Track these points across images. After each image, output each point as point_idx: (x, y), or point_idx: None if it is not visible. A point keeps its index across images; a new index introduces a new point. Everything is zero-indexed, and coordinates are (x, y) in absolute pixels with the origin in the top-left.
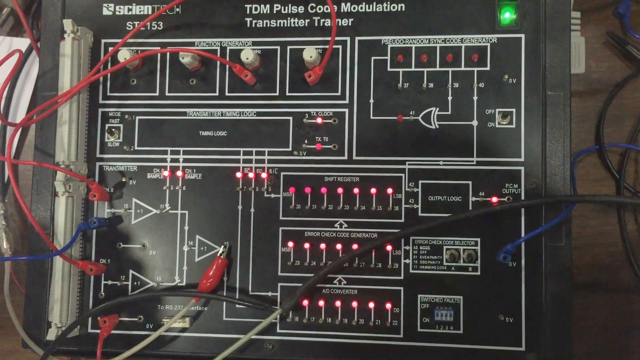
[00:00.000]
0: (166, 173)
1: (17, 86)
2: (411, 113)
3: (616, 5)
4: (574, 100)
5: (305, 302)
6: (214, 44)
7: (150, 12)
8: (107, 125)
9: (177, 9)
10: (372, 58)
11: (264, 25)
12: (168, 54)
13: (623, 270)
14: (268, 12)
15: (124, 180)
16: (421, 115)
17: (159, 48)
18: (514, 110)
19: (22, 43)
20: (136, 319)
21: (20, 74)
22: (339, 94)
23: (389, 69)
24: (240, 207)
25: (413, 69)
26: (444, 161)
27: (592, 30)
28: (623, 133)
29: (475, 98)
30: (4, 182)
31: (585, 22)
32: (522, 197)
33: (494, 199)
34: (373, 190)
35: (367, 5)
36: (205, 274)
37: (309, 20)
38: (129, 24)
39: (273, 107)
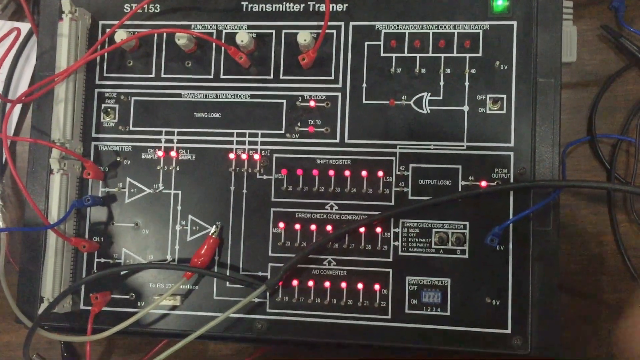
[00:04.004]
0: (160, 153)
1: (17, 69)
2: (403, 98)
3: None
4: (567, 92)
5: (295, 283)
6: (210, 27)
7: None
8: (102, 106)
9: None
10: (366, 43)
11: (260, 9)
12: (165, 35)
13: (612, 259)
14: None
15: (118, 159)
16: (413, 100)
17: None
18: (504, 96)
19: (23, 27)
20: (128, 297)
21: (21, 58)
22: (332, 78)
23: (382, 54)
24: (232, 188)
25: (406, 54)
26: (434, 145)
27: (586, 23)
28: (615, 124)
29: (466, 84)
30: (1, 164)
31: (580, 15)
32: (511, 182)
33: (483, 183)
34: (364, 173)
35: None
36: (197, 253)
37: (304, 5)
38: (127, 6)
39: (267, 90)
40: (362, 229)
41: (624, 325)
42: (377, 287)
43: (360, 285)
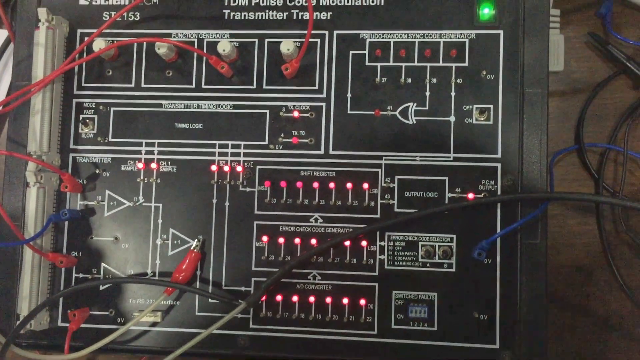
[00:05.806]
0: (140, 165)
1: None
2: (389, 108)
3: (598, 6)
4: (554, 100)
5: (279, 298)
6: (191, 35)
7: (127, 3)
8: (81, 116)
9: (155, 0)
10: (351, 52)
11: (242, 18)
12: (144, 44)
13: (600, 270)
14: (246, 4)
15: (97, 171)
16: (399, 111)
17: (135, 38)
18: (491, 106)
19: (1, 35)
20: (107, 313)
21: None
22: (316, 87)
23: (367, 64)
24: (214, 201)
25: (391, 63)
26: (420, 157)
27: (573, 30)
28: (603, 133)
29: (452, 94)
30: None
31: (567, 22)
32: (499, 194)
33: (470, 195)
34: (349, 185)
35: None
36: (178, 268)
37: (287, 13)
38: (106, 14)
39: (250, 100)
40: (347, 243)
41: None
42: (362, 302)
43: (345, 300)
